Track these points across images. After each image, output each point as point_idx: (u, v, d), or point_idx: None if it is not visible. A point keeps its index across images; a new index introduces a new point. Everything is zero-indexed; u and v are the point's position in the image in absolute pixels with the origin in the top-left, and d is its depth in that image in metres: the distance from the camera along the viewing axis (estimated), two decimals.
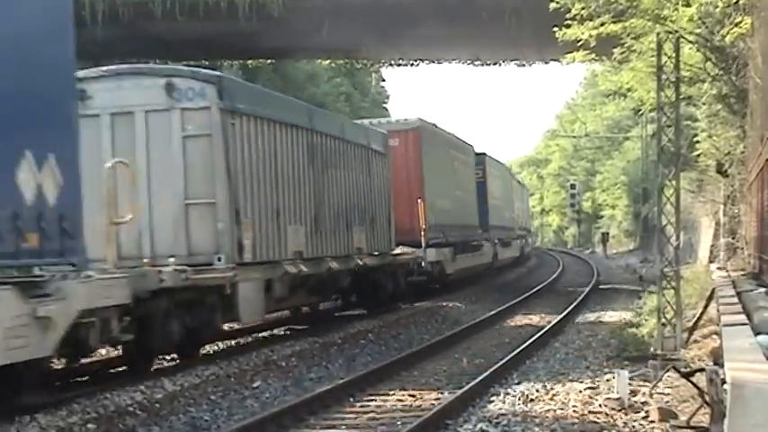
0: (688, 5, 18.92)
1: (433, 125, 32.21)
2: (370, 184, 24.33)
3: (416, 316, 25.72)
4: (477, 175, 39.96)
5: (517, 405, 13.30)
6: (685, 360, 15.71)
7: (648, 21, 18.85)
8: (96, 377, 14.42)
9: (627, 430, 11.65)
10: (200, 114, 16.27)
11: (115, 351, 15.72)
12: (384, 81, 70.33)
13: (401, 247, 26.59)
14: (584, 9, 19.19)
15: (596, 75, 71.05)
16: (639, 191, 62.08)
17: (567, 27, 20.17)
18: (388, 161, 25.92)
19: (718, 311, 15.48)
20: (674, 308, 17.47)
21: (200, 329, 15.92)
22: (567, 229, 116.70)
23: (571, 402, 13.35)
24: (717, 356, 11.57)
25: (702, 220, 36.60)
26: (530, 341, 19.64)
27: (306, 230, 19.55)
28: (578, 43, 19.95)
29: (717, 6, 19.26)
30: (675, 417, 11.79)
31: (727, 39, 19.09)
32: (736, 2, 19.04)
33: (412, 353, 18.39)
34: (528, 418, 12.36)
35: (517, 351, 18.14)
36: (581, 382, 15.07)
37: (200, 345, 16.78)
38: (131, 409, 12.54)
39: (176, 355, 16.30)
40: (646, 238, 61.92)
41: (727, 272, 23.35)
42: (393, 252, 25.90)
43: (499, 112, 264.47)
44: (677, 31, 18.00)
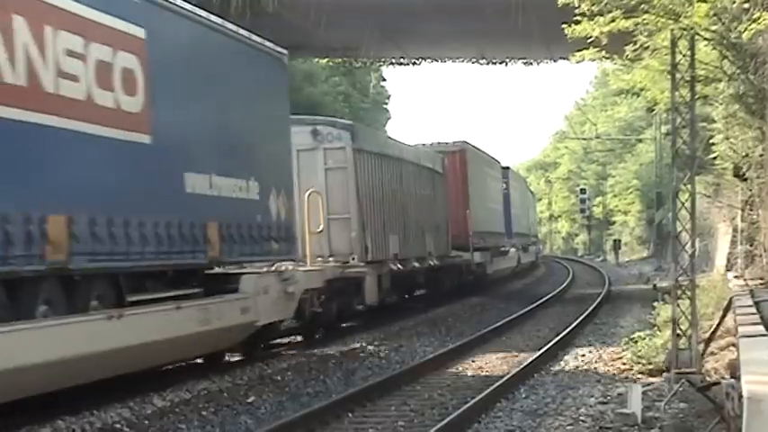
0: (703, 0, 18.92)
1: (473, 146, 39.18)
2: (435, 198, 31.78)
3: (418, 327, 25.75)
4: (503, 187, 47.14)
5: (525, 421, 13.32)
6: (701, 373, 15.72)
7: (662, 17, 18.84)
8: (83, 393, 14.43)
9: None
10: (338, 152, 23.60)
11: None
12: (385, 81, 70.35)
13: (454, 251, 33.56)
14: (594, 5, 19.18)
15: (607, 74, 71.09)
16: (653, 196, 62.13)
17: (577, 23, 20.16)
18: (444, 178, 33.30)
19: (735, 322, 15.50)
20: (690, 318, 17.46)
21: (344, 309, 22.96)
22: (576, 235, 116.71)
23: (581, 417, 13.37)
24: (734, 369, 11.60)
25: (719, 226, 36.59)
26: (538, 354, 19.67)
27: (399, 237, 27.06)
28: (588, 40, 19.93)
29: (733, 2, 19.26)
30: None
31: (745, 35, 19.04)
32: None
33: (413, 366, 18.42)
34: None
35: (525, 365, 18.17)
36: (592, 396, 15.09)
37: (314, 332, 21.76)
38: (118, 426, 12.56)
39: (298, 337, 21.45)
40: (659, 245, 61.99)
41: (745, 281, 23.37)
42: (451, 255, 33.07)
43: (505, 112, 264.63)
44: (692, 28, 17.98)
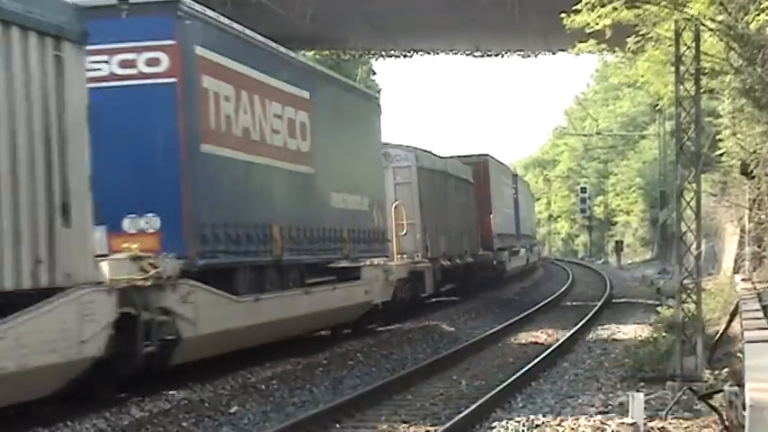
0: None
1: (493, 157, 46.64)
2: (467, 204, 40.13)
3: (410, 333, 25.78)
4: (513, 192, 54.56)
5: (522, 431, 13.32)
6: (707, 380, 15.74)
7: (665, 6, 18.86)
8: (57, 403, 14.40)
9: None
10: (405, 170, 31.91)
11: None
12: (375, 74, 70.27)
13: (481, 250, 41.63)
14: None
15: (609, 66, 71.16)
16: (657, 195, 62.24)
17: (576, 13, 20.17)
18: (474, 187, 41.53)
19: (741, 327, 15.54)
20: (695, 323, 17.49)
21: (414, 296, 29.79)
22: (577, 237, 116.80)
23: (581, 428, 13.39)
24: (740, 376, 11.63)
25: (726, 226, 36.64)
26: (535, 361, 19.68)
27: (446, 238, 35.06)
28: (589, 32, 19.93)
29: None
30: None
31: (753, 26, 19.06)
32: None
33: (405, 374, 18.42)
34: None
35: (521, 372, 18.18)
36: (592, 405, 15.10)
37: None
38: None
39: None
40: (664, 246, 61.98)
41: (753, 284, 23.40)
42: (480, 253, 40.92)
43: (501, 107, 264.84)
44: (697, 18, 18.01)
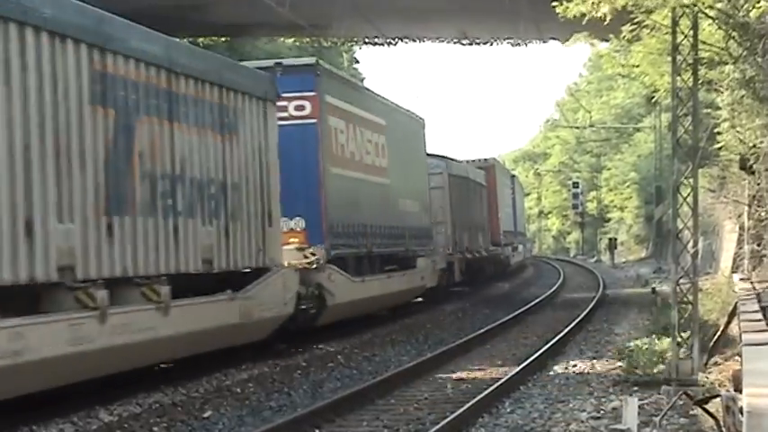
0: None
1: (498, 161, 58.79)
2: (481, 205, 48.48)
3: (393, 334, 25.78)
4: (511, 192, 61.99)
5: None
6: (703, 385, 15.78)
7: None
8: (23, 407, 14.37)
9: None
10: (437, 177, 38.32)
11: None
12: (357, 62, 70.30)
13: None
14: None
15: (602, 56, 71.21)
16: (652, 190, 62.42)
17: (569, 0, 20.17)
18: (485, 189, 49.94)
19: (739, 329, 15.58)
20: (691, 325, 17.53)
21: (448, 283, 38.88)
22: (568, 234, 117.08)
23: None
24: (738, 381, 11.65)
25: (724, 223, 36.76)
26: (524, 364, 19.70)
27: (467, 235, 43.21)
28: (582, 19, 19.91)
29: None
30: None
31: (753, 14, 19.08)
32: None
33: (388, 377, 18.43)
34: None
35: (509, 376, 18.19)
36: (583, 410, 15.13)
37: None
38: None
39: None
40: (659, 244, 62.28)
41: (752, 283, 23.47)
42: (491, 249, 49.64)
43: (490, 98, 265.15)
44: (695, 5, 18.03)
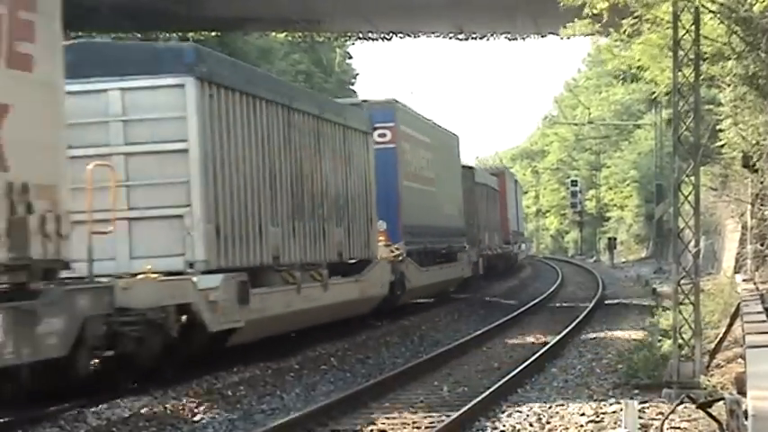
0: None
1: (507, 168, 71.91)
2: (495, 207, 55.50)
3: (388, 336, 25.79)
4: (515, 195, 68.91)
5: None
6: (705, 388, 15.78)
7: None
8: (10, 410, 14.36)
9: None
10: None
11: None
12: (351, 58, 70.33)
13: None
14: None
15: (602, 51, 71.20)
16: (652, 188, 62.42)
17: None
18: (498, 194, 57.45)
19: (743, 331, 15.57)
20: (693, 327, 17.54)
21: (474, 274, 44.53)
22: (567, 233, 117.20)
23: None
24: (741, 383, 11.65)
25: (726, 222, 36.82)
26: (522, 366, 19.70)
27: (488, 234, 50.17)
28: (582, 11, 19.90)
29: None
30: None
31: (756, 8, 19.11)
32: None
33: (382, 380, 18.43)
34: None
35: (507, 378, 18.20)
36: (582, 414, 15.13)
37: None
38: None
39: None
40: (660, 244, 62.28)
41: (755, 284, 23.49)
42: (503, 246, 57.39)
43: (487, 95, 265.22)
44: None
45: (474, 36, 41.46)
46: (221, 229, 18.79)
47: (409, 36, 42.30)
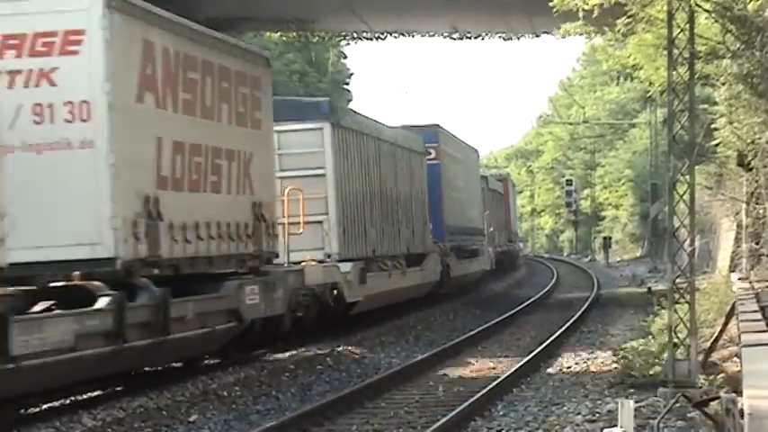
0: None
1: (509, 174, 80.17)
2: (501, 209, 61.32)
3: (383, 336, 25.80)
4: (513, 197, 74.02)
5: None
6: (701, 387, 15.81)
7: None
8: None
9: None
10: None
11: None
12: (345, 57, 70.28)
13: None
14: None
15: (596, 50, 71.27)
16: (647, 188, 62.51)
17: None
18: (503, 197, 63.19)
19: (738, 329, 15.61)
20: (689, 326, 17.56)
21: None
22: (562, 232, 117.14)
23: None
24: (737, 382, 11.69)
25: (722, 221, 36.82)
26: (517, 365, 19.74)
27: (496, 233, 55.62)
28: (576, 11, 19.93)
29: None
30: None
31: (750, 7, 19.16)
32: None
33: (378, 380, 18.44)
34: None
35: (502, 378, 18.23)
36: (578, 413, 15.16)
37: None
38: None
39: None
40: (655, 243, 62.35)
41: (751, 283, 23.52)
42: (508, 244, 64.35)
43: (482, 94, 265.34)
44: None
45: (469, 35, 41.44)
46: (346, 230, 25.95)
47: (404, 36, 42.28)
